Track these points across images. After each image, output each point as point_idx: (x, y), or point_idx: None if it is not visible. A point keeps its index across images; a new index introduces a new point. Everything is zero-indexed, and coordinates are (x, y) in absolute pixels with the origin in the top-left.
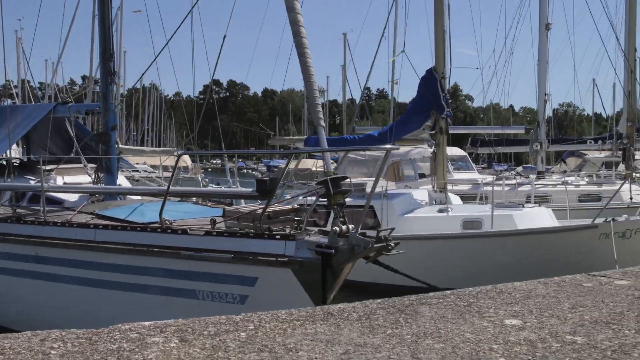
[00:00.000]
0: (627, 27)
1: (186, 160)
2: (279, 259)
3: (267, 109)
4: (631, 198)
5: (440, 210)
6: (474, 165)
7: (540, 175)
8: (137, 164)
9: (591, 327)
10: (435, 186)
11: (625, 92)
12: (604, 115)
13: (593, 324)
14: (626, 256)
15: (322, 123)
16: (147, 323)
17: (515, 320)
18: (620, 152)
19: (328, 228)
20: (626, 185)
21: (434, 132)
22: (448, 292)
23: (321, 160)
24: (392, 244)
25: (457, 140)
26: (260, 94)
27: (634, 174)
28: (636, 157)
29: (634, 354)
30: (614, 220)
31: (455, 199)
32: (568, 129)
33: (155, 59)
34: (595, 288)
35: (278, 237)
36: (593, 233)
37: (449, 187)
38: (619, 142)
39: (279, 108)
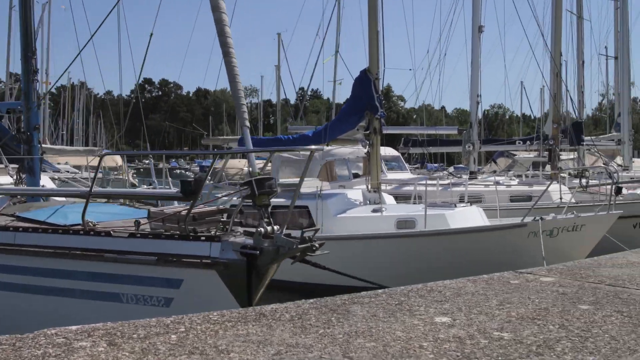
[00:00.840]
0: (553, 32)
1: (117, 160)
2: (203, 261)
3: (201, 109)
4: (561, 198)
5: (374, 210)
6: (407, 165)
7: (472, 175)
8: (58, 164)
9: (517, 323)
10: (370, 186)
11: (551, 94)
12: (532, 117)
13: (519, 320)
14: (553, 254)
15: (247, 123)
16: (74, 327)
17: (445, 318)
18: (546, 153)
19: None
20: (556, 186)
21: (368, 132)
22: (380, 291)
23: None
24: (317, 245)
25: (390, 141)
26: (193, 94)
27: (559, 174)
28: (562, 157)
29: (557, 348)
30: (542, 219)
31: (389, 199)
32: (498, 130)
33: (77, 55)
34: (522, 285)
35: (203, 238)
36: (522, 232)
37: (383, 187)
38: (546, 143)
39: (212, 108)
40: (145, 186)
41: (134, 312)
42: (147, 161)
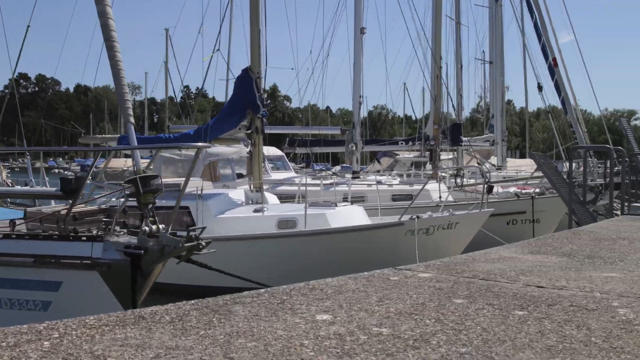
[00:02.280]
0: (434, 35)
1: None
2: (84, 262)
3: (81, 106)
4: (440, 197)
5: (255, 210)
6: (291, 165)
7: (355, 175)
8: None
9: (396, 319)
10: (252, 186)
11: (432, 96)
12: (414, 118)
13: (398, 316)
14: (430, 251)
15: (132, 120)
16: None
17: (326, 316)
18: (427, 153)
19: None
20: (435, 185)
21: (250, 131)
22: (262, 290)
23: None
24: (203, 243)
25: (275, 140)
26: (72, 90)
27: (439, 174)
28: (442, 157)
29: (433, 342)
30: (418, 217)
31: (273, 199)
32: (381, 130)
33: None
34: (401, 281)
35: (84, 238)
36: (400, 230)
37: (267, 187)
38: (427, 144)
39: (93, 105)
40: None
41: (9, 317)
42: (22, 160)
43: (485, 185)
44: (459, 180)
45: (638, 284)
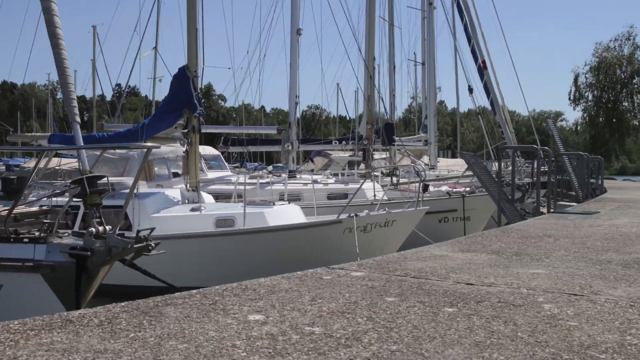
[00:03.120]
0: (367, 37)
1: None
2: (26, 264)
3: (7, 104)
4: (374, 195)
5: (193, 209)
6: (227, 164)
7: (291, 174)
8: None
9: (328, 318)
10: (188, 185)
11: (365, 96)
12: (348, 118)
13: (330, 315)
14: (367, 248)
15: (78, 119)
16: None
17: (258, 316)
18: (361, 152)
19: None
20: (370, 184)
21: (186, 130)
22: (194, 291)
23: (66, 159)
24: (153, 244)
25: (211, 140)
26: None
27: (372, 173)
28: (375, 157)
29: (365, 340)
30: (356, 215)
31: (209, 198)
32: (316, 130)
33: None
34: (334, 280)
35: (26, 240)
36: (338, 228)
37: (202, 185)
38: (360, 143)
39: (20, 103)
40: None
41: None
42: None
43: (421, 184)
44: (394, 179)
45: (562, 280)
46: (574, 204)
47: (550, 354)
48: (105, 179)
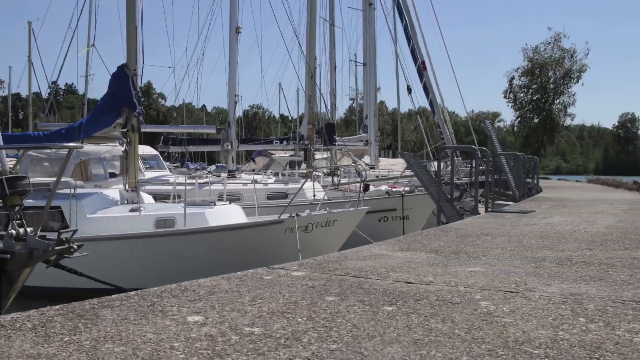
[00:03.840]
0: (308, 36)
1: None
2: None
3: None
4: (314, 195)
5: (132, 210)
6: (166, 164)
7: (231, 174)
8: None
9: (268, 318)
10: (127, 185)
11: (306, 96)
12: (290, 117)
13: (270, 315)
14: (309, 248)
15: None
16: None
17: (197, 317)
18: (302, 152)
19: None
20: (310, 184)
21: (125, 130)
22: (132, 293)
23: None
24: (75, 246)
25: (150, 139)
26: None
27: (313, 173)
28: (316, 157)
29: (304, 340)
30: (297, 215)
31: (148, 198)
32: (257, 130)
33: None
34: (275, 280)
35: None
36: (279, 228)
37: (141, 186)
38: (301, 143)
39: None
40: None
41: None
42: None
43: (362, 184)
44: (335, 179)
45: (499, 278)
46: (511, 203)
47: (486, 350)
48: (27, 179)
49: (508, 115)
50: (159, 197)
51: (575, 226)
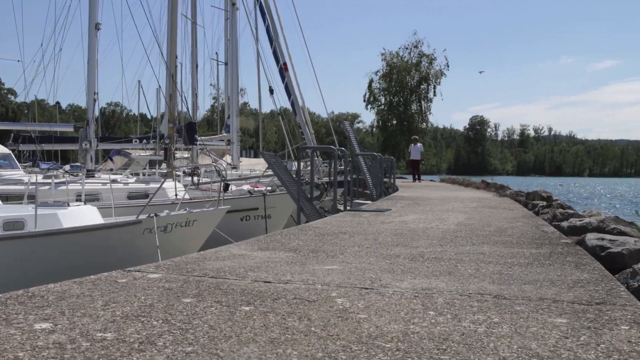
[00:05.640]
0: (169, 34)
1: None
2: None
3: None
4: (176, 195)
5: None
6: (18, 163)
7: (90, 173)
8: None
9: (122, 322)
10: None
11: (166, 95)
12: (150, 116)
13: (124, 319)
14: (168, 249)
15: None
16: None
17: (45, 324)
18: (162, 152)
19: None
20: (171, 183)
21: None
22: None
23: None
24: None
25: None
26: None
27: (174, 172)
28: (177, 156)
29: (159, 343)
30: (156, 215)
31: None
32: (115, 128)
33: None
34: (130, 283)
35: None
36: (138, 228)
37: None
38: (161, 142)
39: None
40: None
41: None
42: None
43: (222, 184)
44: (195, 178)
45: (355, 275)
46: (369, 202)
47: (341, 346)
48: None
49: (368, 117)
50: (10, 197)
51: (428, 223)
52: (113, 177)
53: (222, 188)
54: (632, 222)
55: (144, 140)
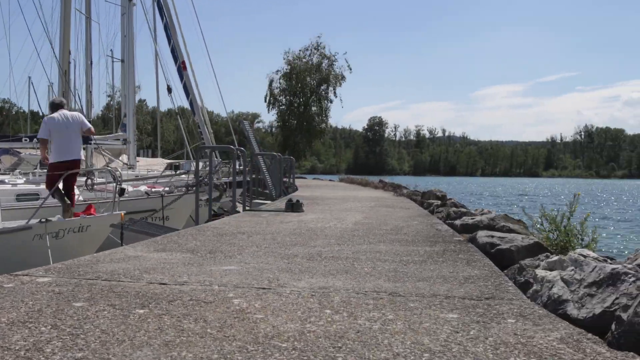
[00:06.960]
0: (62, 29)
1: None
2: None
3: None
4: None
5: None
6: None
7: None
8: None
9: (7, 329)
10: None
11: (59, 92)
12: (41, 114)
13: (10, 326)
14: (61, 255)
15: None
16: None
17: None
18: None
19: None
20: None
21: None
22: None
23: None
24: None
25: None
26: None
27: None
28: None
29: (47, 350)
30: (47, 221)
31: None
32: (4, 126)
33: None
34: (17, 288)
35: None
36: (28, 234)
37: None
38: None
39: None
40: None
41: None
42: None
43: (118, 188)
44: (89, 181)
45: (252, 275)
46: (268, 201)
47: (237, 347)
48: None
49: (268, 117)
50: None
51: (326, 223)
52: (0, 177)
53: (117, 192)
54: (520, 220)
55: (35, 139)
